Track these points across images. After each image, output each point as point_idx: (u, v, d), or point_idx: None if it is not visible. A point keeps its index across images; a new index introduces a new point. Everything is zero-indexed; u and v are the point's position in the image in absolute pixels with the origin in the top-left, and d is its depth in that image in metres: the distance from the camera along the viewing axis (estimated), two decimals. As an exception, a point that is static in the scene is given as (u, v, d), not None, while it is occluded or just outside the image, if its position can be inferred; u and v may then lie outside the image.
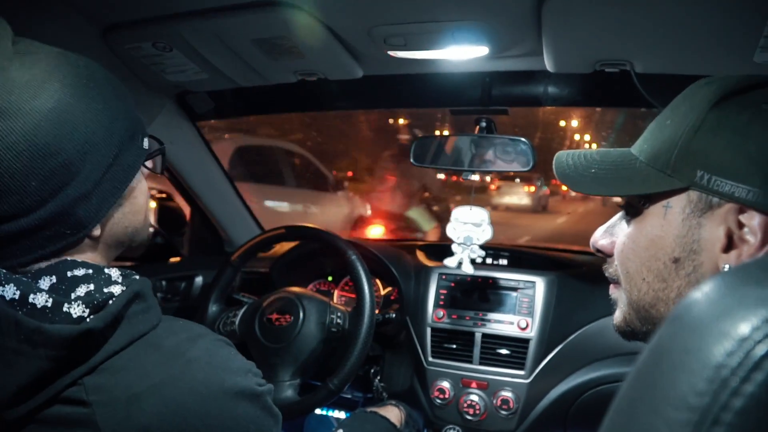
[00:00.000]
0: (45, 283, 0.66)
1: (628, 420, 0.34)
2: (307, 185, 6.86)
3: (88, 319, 0.64)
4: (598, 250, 0.76)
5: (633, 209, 0.69)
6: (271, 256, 1.91)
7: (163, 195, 1.92)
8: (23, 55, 0.65)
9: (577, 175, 0.72)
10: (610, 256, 0.74)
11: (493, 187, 14.82)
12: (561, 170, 0.74)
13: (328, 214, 6.86)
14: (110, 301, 0.66)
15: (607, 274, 0.76)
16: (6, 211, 0.64)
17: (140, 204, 0.80)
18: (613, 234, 0.74)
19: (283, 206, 6.29)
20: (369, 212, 7.55)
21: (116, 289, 0.67)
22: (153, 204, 1.83)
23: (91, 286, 0.67)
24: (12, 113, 0.62)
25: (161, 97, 1.52)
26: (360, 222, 7.17)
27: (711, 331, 0.30)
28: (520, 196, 14.25)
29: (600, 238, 0.76)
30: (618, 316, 0.72)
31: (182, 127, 1.64)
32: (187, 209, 1.94)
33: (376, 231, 6.99)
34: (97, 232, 0.73)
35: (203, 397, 0.69)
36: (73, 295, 0.65)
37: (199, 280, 1.83)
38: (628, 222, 0.70)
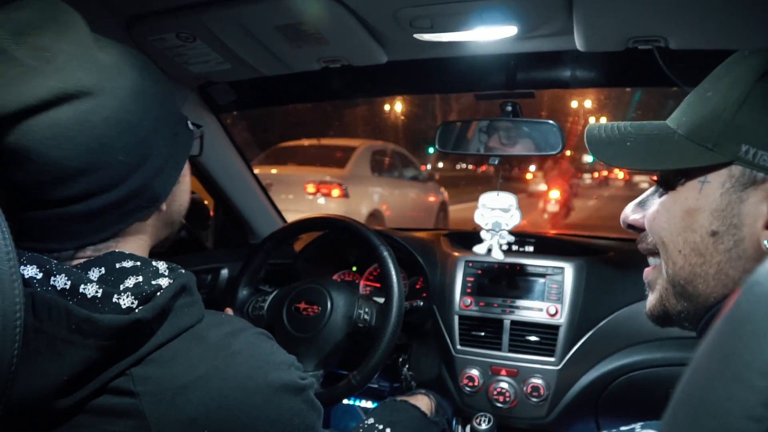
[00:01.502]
0: (94, 274, 0.67)
1: (705, 390, 0.32)
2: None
3: (136, 310, 0.64)
4: (630, 226, 0.73)
5: (667, 184, 0.66)
6: (294, 247, 1.91)
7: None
8: (98, 40, 0.70)
9: (612, 149, 0.69)
10: (643, 230, 0.71)
11: (529, 176, 15.82)
12: (595, 144, 0.71)
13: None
14: (158, 293, 0.67)
15: (641, 248, 0.72)
16: (96, 186, 0.67)
17: (188, 183, 0.84)
18: (645, 209, 0.71)
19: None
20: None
21: (164, 282, 0.68)
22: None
23: (140, 278, 0.67)
24: (104, 91, 0.66)
25: (184, 88, 1.51)
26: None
27: None
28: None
29: (631, 213, 0.73)
30: (652, 299, 0.69)
31: (205, 119, 1.63)
32: (210, 202, 1.94)
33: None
34: (164, 206, 0.77)
35: (248, 390, 0.70)
36: (121, 287, 0.66)
37: (224, 272, 1.83)
38: (662, 196, 0.67)
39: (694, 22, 0.97)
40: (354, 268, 1.88)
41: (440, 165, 19.74)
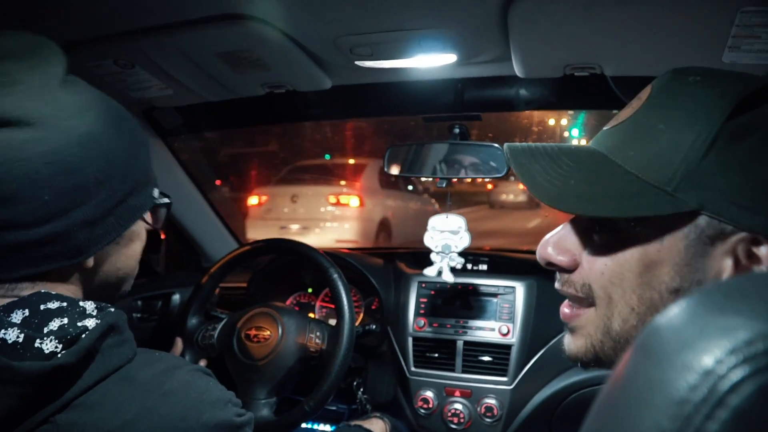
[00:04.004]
0: (17, 316, 0.64)
1: None
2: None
3: (59, 355, 0.61)
4: (552, 264, 0.63)
5: (616, 229, 0.57)
6: (249, 270, 1.88)
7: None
8: (71, 83, 0.70)
9: (554, 188, 0.58)
10: (569, 271, 0.62)
11: (489, 186, 15.90)
12: (532, 180, 0.60)
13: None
14: (83, 335, 0.64)
15: (567, 293, 0.63)
16: (12, 219, 0.64)
17: (136, 251, 0.81)
18: (570, 248, 0.62)
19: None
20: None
21: (90, 323, 0.65)
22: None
23: (65, 320, 0.64)
24: (49, 125, 0.65)
25: (128, 114, 1.48)
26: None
27: (674, 363, 0.28)
28: (516, 194, 14.68)
29: (556, 253, 0.63)
30: (581, 343, 0.62)
31: (151, 143, 1.60)
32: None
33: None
34: (90, 263, 0.73)
35: (180, 431, 0.67)
36: (45, 330, 0.63)
37: (176, 298, 1.79)
38: (605, 241, 0.58)
39: (627, 51, 1.00)
40: (309, 290, 1.86)
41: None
